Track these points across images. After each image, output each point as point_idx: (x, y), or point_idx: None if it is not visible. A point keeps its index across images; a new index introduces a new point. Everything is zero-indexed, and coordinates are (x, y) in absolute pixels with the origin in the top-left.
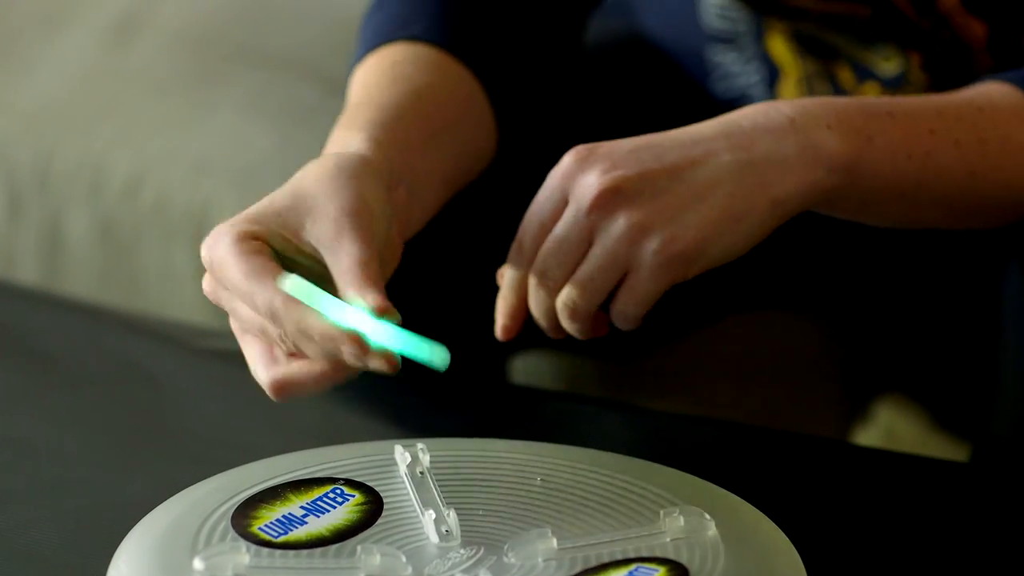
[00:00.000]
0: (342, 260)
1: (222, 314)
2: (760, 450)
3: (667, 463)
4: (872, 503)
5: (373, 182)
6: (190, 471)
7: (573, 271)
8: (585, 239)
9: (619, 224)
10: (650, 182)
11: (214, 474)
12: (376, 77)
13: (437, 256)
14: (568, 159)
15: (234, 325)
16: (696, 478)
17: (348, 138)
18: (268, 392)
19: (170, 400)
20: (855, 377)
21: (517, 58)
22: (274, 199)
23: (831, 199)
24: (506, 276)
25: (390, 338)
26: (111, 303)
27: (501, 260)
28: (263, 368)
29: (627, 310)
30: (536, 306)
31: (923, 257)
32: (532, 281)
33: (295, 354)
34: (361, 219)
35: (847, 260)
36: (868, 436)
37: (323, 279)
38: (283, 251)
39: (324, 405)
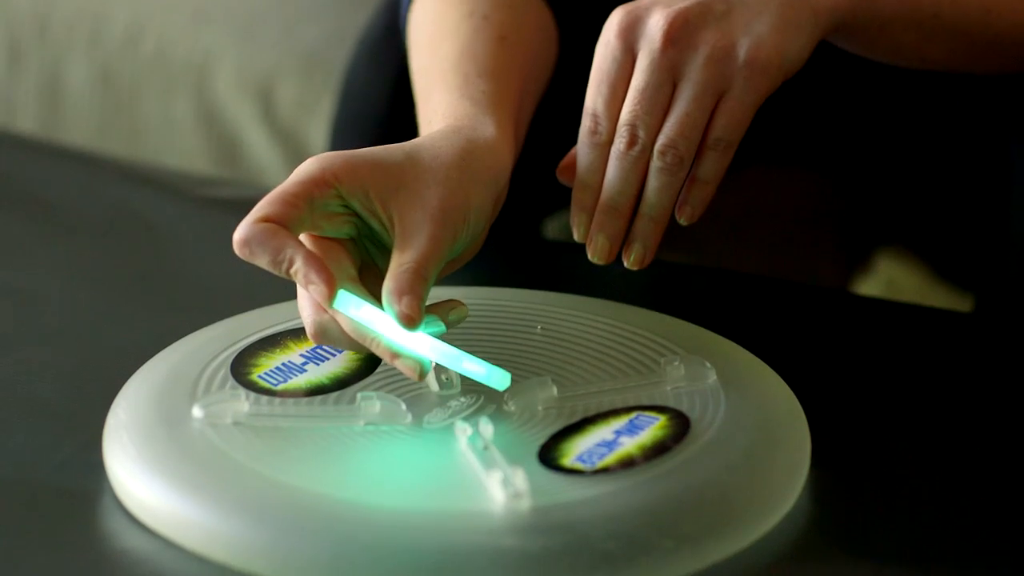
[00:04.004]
0: (404, 255)
1: (221, 163)
2: (761, 299)
3: (668, 312)
4: (873, 352)
5: (487, 185)
6: (189, 319)
7: (664, 116)
8: (668, 79)
9: (701, 51)
10: (710, 9)
11: (213, 322)
12: (454, 24)
13: None
14: (616, 17)
15: None
16: (697, 327)
17: (476, 115)
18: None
19: (169, 249)
20: (856, 229)
21: None
22: (389, 155)
23: (853, 21)
24: (580, 158)
25: (422, 346)
26: (111, 152)
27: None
28: (308, 312)
29: (726, 135)
30: (620, 176)
31: (926, 110)
32: (619, 144)
33: None
34: (451, 218)
35: (848, 113)
36: (868, 287)
37: (381, 246)
38: (359, 208)
39: None
